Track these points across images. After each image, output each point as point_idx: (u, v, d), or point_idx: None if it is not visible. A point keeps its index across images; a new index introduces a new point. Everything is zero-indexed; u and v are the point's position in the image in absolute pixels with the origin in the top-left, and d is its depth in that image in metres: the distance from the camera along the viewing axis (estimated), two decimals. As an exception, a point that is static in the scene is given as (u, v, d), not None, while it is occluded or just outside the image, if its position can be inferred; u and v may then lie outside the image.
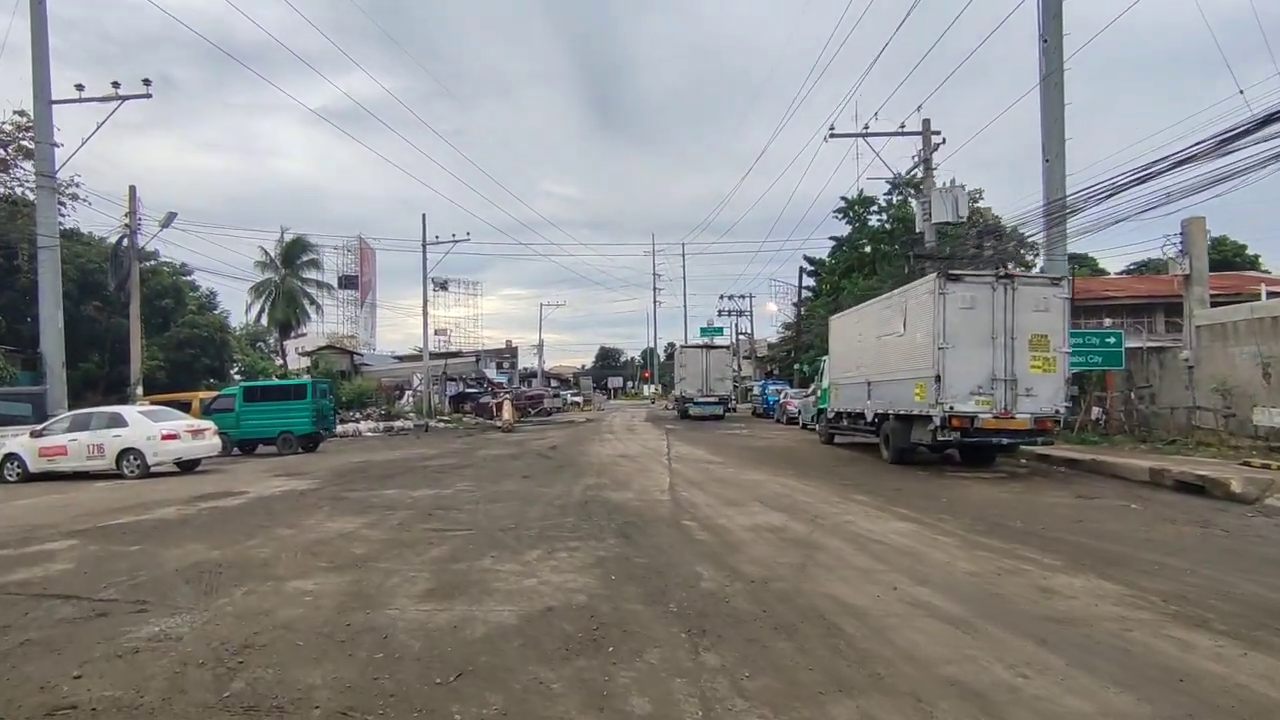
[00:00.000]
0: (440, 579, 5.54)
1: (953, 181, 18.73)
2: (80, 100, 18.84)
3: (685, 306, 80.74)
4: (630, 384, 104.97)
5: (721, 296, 54.53)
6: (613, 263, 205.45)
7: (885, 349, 14.27)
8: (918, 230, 20.31)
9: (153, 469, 14.19)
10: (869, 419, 15.12)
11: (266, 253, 47.92)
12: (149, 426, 14.19)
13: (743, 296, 54.08)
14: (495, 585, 5.35)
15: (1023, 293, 11.90)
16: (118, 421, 14.34)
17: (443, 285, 51.24)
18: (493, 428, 29.50)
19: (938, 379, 11.86)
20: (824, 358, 19.73)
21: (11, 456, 14.47)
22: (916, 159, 19.27)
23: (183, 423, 14.96)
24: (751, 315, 53.97)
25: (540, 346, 79.93)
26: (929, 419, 12.36)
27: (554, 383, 73.89)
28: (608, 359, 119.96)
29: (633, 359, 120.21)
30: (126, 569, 6.13)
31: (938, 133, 19.36)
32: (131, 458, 14.06)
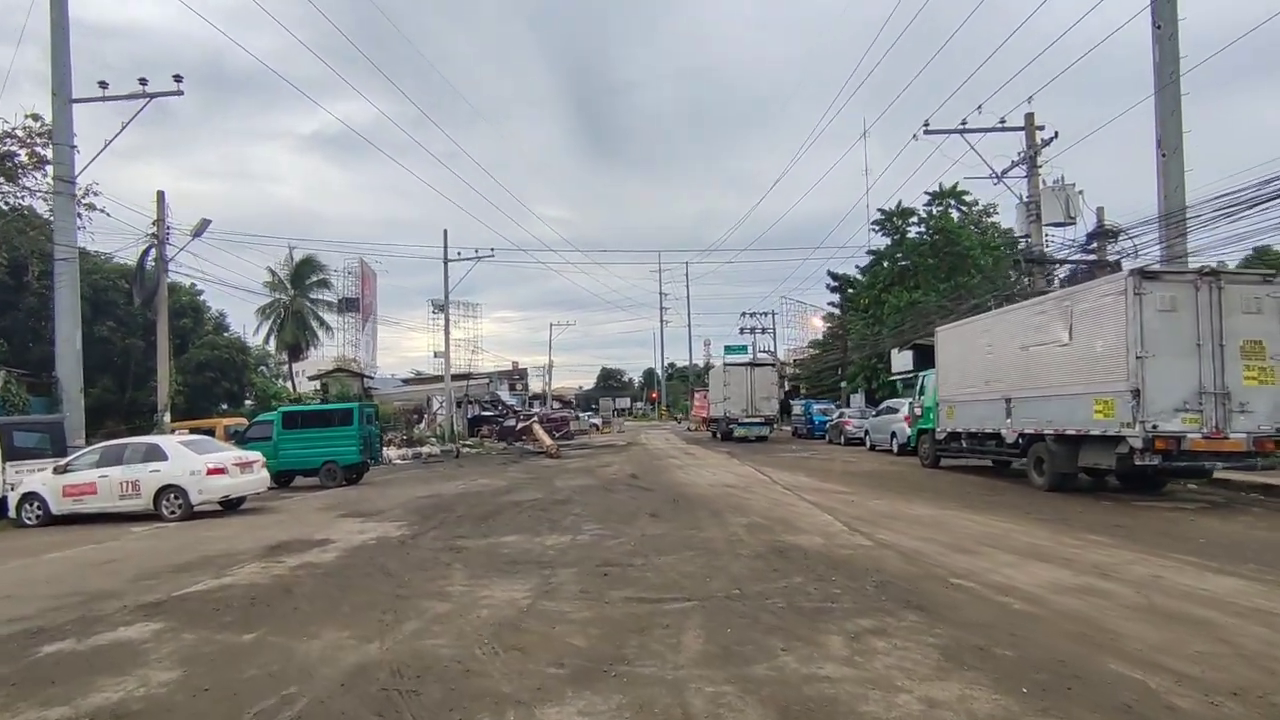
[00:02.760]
0: (762, 696, 3.67)
1: (1062, 179, 17.14)
2: (104, 99, 17.05)
3: (690, 326, 78.87)
4: (637, 404, 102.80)
5: (743, 314, 52.67)
6: (611, 284, 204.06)
7: (1036, 360, 12.55)
8: (1019, 234, 18.69)
9: (196, 509, 12.21)
10: (1010, 440, 13.37)
11: (274, 273, 45.93)
12: (192, 460, 12.19)
13: (764, 314, 52.17)
14: (865, 711, 3.49)
15: (1230, 292, 10.24)
16: (156, 454, 12.34)
17: (442, 308, 49.57)
18: (532, 453, 27.56)
19: (1135, 393, 10.13)
20: (924, 373, 17.98)
21: (31, 496, 12.41)
22: (1020, 156, 17.69)
23: (230, 455, 12.97)
24: (775, 333, 52.06)
25: (549, 368, 78.23)
26: (1115, 440, 10.68)
27: (556, 404, 71.93)
28: (609, 379, 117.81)
29: (632, 380, 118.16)
30: (265, 682, 4.19)
31: (1041, 128, 17.83)
32: (173, 496, 12.05)
